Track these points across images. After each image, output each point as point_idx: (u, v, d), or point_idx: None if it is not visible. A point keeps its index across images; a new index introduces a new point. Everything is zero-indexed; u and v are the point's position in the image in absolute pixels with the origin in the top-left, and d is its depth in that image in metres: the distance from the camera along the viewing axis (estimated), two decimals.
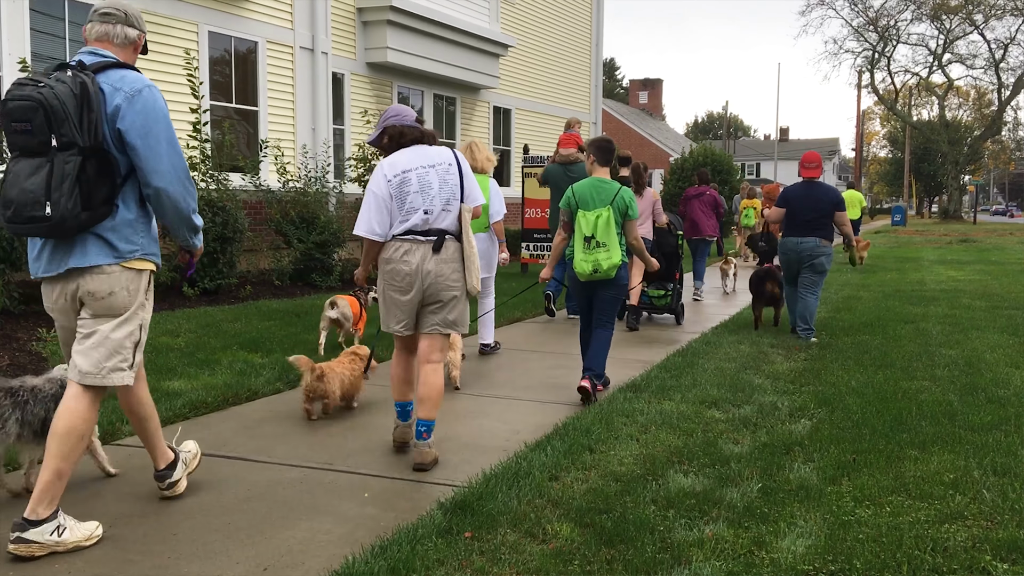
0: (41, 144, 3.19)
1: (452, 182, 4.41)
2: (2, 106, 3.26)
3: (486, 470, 4.18)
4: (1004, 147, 79.93)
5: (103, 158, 3.28)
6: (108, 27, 3.46)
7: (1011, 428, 5.08)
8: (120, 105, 3.27)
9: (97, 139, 3.23)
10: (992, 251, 23.09)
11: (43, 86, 3.18)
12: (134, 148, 3.29)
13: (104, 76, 3.31)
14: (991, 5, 46.90)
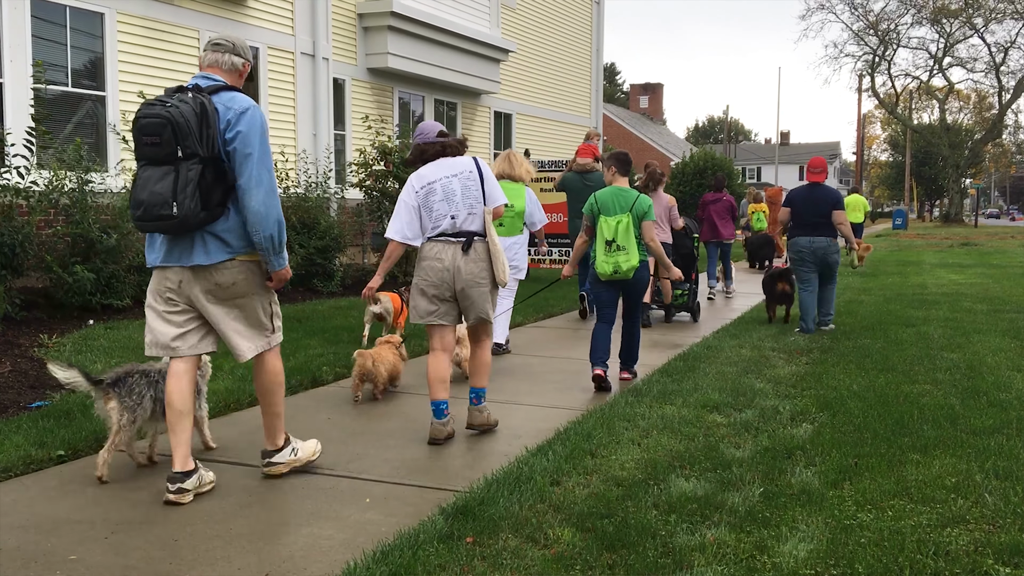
0: (168, 155, 3.72)
1: (474, 188, 4.87)
2: (135, 123, 3.81)
3: (487, 475, 4.18)
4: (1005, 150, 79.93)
5: (218, 167, 3.81)
6: (218, 55, 4.02)
7: (1013, 432, 5.07)
8: (232, 120, 3.82)
9: (213, 151, 3.78)
10: (993, 254, 23.08)
11: (170, 105, 3.72)
12: (233, 159, 3.82)
13: (217, 97, 3.86)
14: (991, 9, 46.92)
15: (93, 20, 10.30)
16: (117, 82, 10.46)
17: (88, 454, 4.51)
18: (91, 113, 10.38)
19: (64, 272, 8.19)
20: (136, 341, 7.30)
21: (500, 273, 4.92)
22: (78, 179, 8.52)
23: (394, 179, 12.52)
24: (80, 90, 10.19)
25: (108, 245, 8.46)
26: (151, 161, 3.77)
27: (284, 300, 10.40)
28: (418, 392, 6.13)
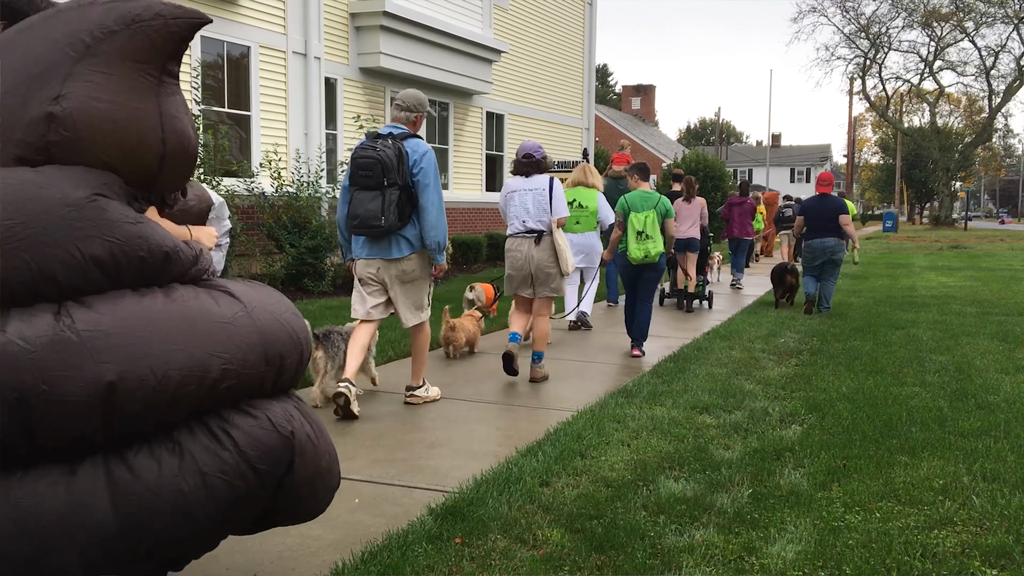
0: (377, 183, 5.33)
1: (543, 201, 6.49)
2: (353, 160, 5.42)
3: (477, 476, 4.18)
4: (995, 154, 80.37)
5: (408, 191, 5.38)
6: (400, 113, 5.60)
7: (1001, 434, 5.09)
8: (416, 160, 5.37)
9: (406, 180, 5.36)
10: (983, 257, 23.18)
11: (379, 149, 5.31)
12: (417, 187, 5.39)
13: (406, 142, 5.42)
14: (982, 13, 47.16)
15: None
16: None
17: None
18: None
19: None
20: None
21: (564, 265, 6.51)
22: None
23: None
24: None
25: None
26: (363, 187, 5.37)
27: None
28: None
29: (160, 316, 2.27)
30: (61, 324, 2.15)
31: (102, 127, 2.32)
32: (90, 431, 2.14)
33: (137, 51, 2.38)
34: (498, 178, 19.45)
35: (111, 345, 2.15)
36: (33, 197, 2.20)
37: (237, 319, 2.40)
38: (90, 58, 2.34)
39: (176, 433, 2.29)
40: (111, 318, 2.20)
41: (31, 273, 2.17)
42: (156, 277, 2.37)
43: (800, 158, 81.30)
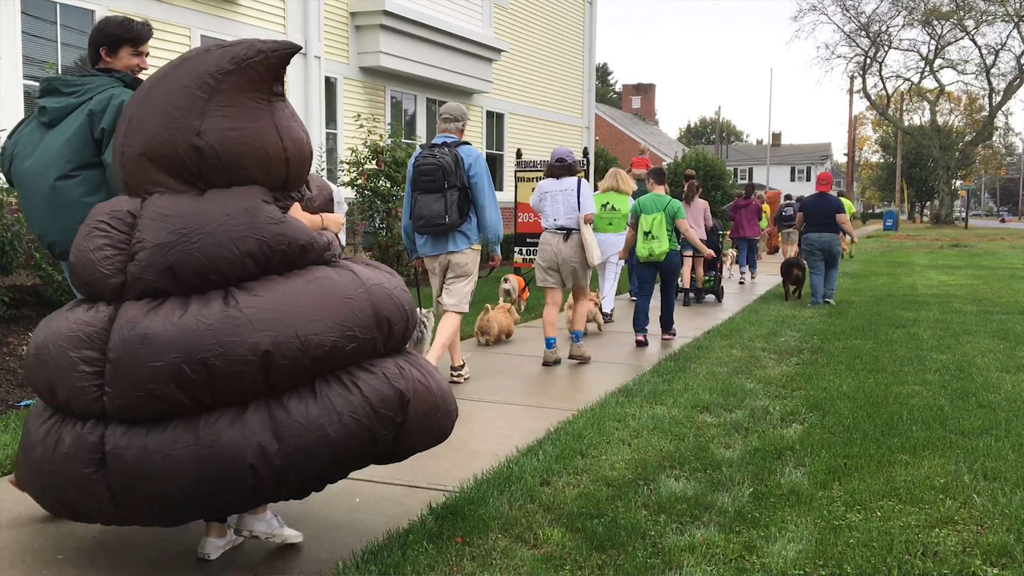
0: (439, 186, 6.01)
1: (571, 200, 7.16)
2: (415, 169, 6.10)
3: (477, 475, 4.18)
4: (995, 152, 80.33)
5: (465, 193, 6.07)
6: (448, 124, 6.26)
7: (1001, 433, 5.09)
8: (471, 164, 6.06)
9: (463, 183, 6.05)
10: (983, 256, 23.18)
11: (439, 156, 6.01)
12: (473, 188, 6.08)
13: (459, 148, 6.10)
14: (982, 11, 47.12)
15: (83, 17, 10.27)
16: None
17: None
18: None
19: (53, 270, 8.15)
20: None
21: (591, 258, 7.16)
22: None
23: (386, 178, 12.51)
24: None
25: None
26: (425, 191, 6.05)
27: None
28: None
29: (301, 295, 2.95)
30: (229, 304, 2.86)
31: (238, 149, 3.00)
32: (254, 382, 2.83)
33: (249, 83, 3.04)
34: (499, 177, 19.44)
35: (266, 319, 2.84)
36: (199, 212, 2.93)
37: (358, 295, 3.06)
38: (216, 96, 3.00)
39: (317, 384, 2.95)
40: (266, 298, 2.89)
41: (204, 267, 2.89)
42: (296, 263, 3.05)
43: (800, 157, 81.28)
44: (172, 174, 3.01)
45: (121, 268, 2.95)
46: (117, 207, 3.06)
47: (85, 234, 3.06)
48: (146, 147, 3.01)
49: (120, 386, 2.80)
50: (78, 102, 3.66)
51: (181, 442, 2.79)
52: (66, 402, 2.90)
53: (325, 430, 2.88)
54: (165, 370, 2.75)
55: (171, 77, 3.06)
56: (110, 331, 2.87)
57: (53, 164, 3.62)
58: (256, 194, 3.03)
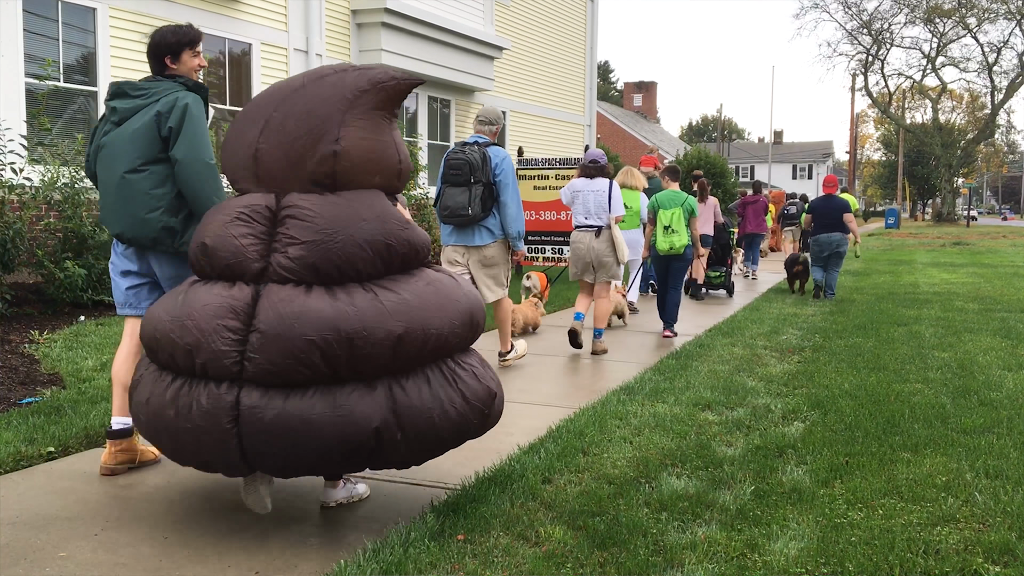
0: (464, 180, 6.43)
1: (603, 201, 7.62)
2: (446, 162, 6.53)
3: (479, 473, 4.18)
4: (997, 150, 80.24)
5: (489, 189, 6.47)
6: (483, 126, 6.68)
7: (1003, 431, 5.09)
8: (498, 163, 6.47)
9: (488, 179, 6.45)
10: (985, 254, 23.16)
11: (468, 153, 6.44)
12: (498, 185, 6.51)
13: (489, 148, 6.54)
14: (984, 9, 47.08)
15: (85, 15, 10.27)
16: (109, 77, 10.41)
17: (78, 451, 4.50)
18: (83, 108, 10.34)
19: (56, 268, 8.16)
20: None
21: (620, 255, 7.68)
22: (71, 175, 8.49)
23: None
24: (72, 85, 10.15)
25: (100, 240, 8.43)
26: (453, 184, 6.48)
27: None
28: None
29: (424, 292, 3.45)
30: (370, 295, 3.33)
31: (368, 157, 3.50)
32: (384, 362, 3.29)
33: (380, 103, 3.56)
34: None
35: (400, 310, 3.33)
36: (340, 215, 3.38)
37: (461, 298, 3.57)
38: (353, 110, 3.49)
39: (426, 370, 3.44)
40: (401, 294, 3.39)
41: (342, 263, 3.35)
42: (411, 264, 3.54)
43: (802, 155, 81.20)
44: (307, 175, 3.45)
45: (263, 255, 3.39)
46: (254, 201, 3.50)
47: (225, 222, 3.46)
48: (285, 147, 3.45)
49: (269, 353, 3.18)
50: (144, 103, 4.03)
51: (319, 408, 3.21)
52: (203, 365, 3.26)
53: (432, 413, 3.36)
54: (316, 343, 3.18)
55: (311, 90, 3.54)
56: (255, 307, 3.28)
57: (122, 159, 3.99)
58: (383, 199, 3.54)
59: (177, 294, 3.49)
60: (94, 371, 6.12)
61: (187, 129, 3.96)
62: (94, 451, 4.52)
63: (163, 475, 4.18)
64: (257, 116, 3.57)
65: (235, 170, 3.63)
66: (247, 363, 3.21)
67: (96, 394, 5.47)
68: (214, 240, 3.44)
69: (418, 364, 3.40)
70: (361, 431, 3.23)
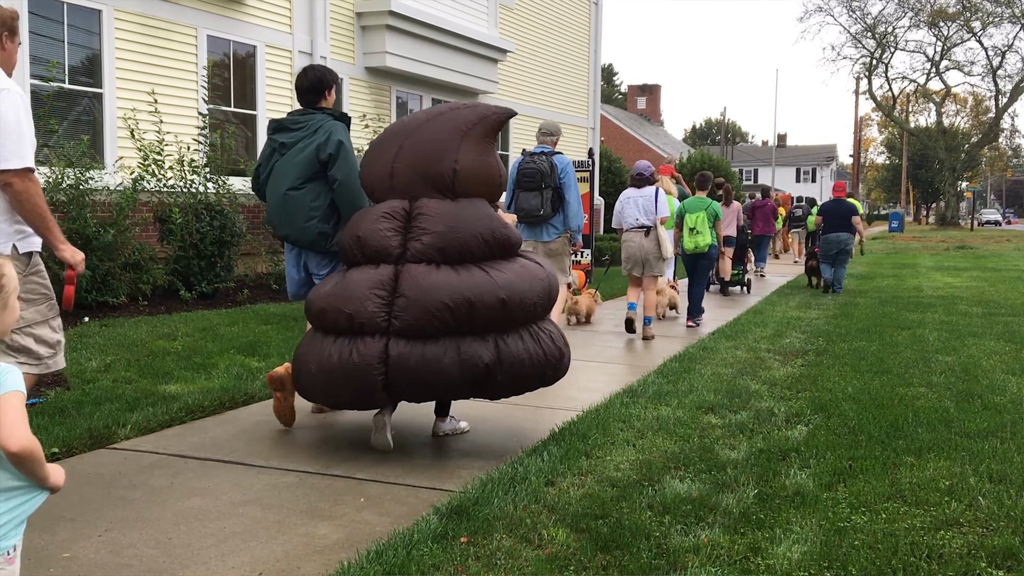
0: (536, 186, 7.55)
1: (650, 205, 8.83)
2: (519, 171, 7.67)
3: (482, 475, 4.18)
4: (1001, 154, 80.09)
5: (556, 192, 7.61)
6: (546, 137, 7.84)
7: (1007, 435, 5.08)
8: (562, 170, 7.59)
9: (555, 184, 7.58)
10: (989, 258, 23.13)
11: (537, 163, 7.57)
12: (563, 188, 7.63)
13: (554, 157, 7.66)
14: (988, 12, 47.03)
15: (90, 17, 10.29)
16: (114, 79, 10.44)
17: (82, 452, 4.51)
18: (88, 110, 10.36)
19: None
20: (131, 338, 7.29)
21: (664, 251, 8.81)
22: (75, 176, 8.50)
23: None
24: (77, 87, 10.18)
25: (104, 242, 8.45)
26: (526, 189, 7.61)
27: (281, 298, 10.41)
28: None
29: (519, 272, 4.56)
30: (486, 273, 4.44)
31: (477, 173, 4.65)
32: (494, 320, 4.40)
33: (486, 132, 4.71)
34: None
35: (504, 283, 4.43)
36: (459, 215, 4.53)
37: (545, 277, 4.70)
38: (467, 138, 4.64)
39: (520, 330, 4.55)
40: (504, 272, 4.49)
41: (461, 248, 4.47)
42: (508, 252, 4.66)
43: (806, 158, 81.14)
44: (432, 186, 4.59)
45: (401, 243, 4.51)
46: (393, 205, 4.61)
47: (373, 220, 4.57)
48: (416, 166, 4.58)
49: (412, 313, 4.29)
50: (304, 134, 5.06)
51: (449, 352, 4.32)
52: (360, 325, 4.34)
53: (523, 360, 4.47)
54: (447, 304, 4.29)
55: (434, 124, 4.67)
56: (397, 279, 4.41)
57: (285, 179, 5.06)
58: (488, 206, 4.71)
59: (335, 278, 4.61)
60: (98, 372, 6.13)
61: (342, 155, 4.98)
62: (98, 452, 4.53)
63: (166, 477, 4.19)
64: (390, 145, 4.68)
65: (373, 184, 4.74)
66: (394, 320, 4.31)
67: (100, 395, 5.48)
68: (365, 234, 4.55)
69: (514, 324, 4.50)
70: (477, 369, 4.34)
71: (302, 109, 5.19)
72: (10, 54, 3.95)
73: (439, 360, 4.31)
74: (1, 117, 3.64)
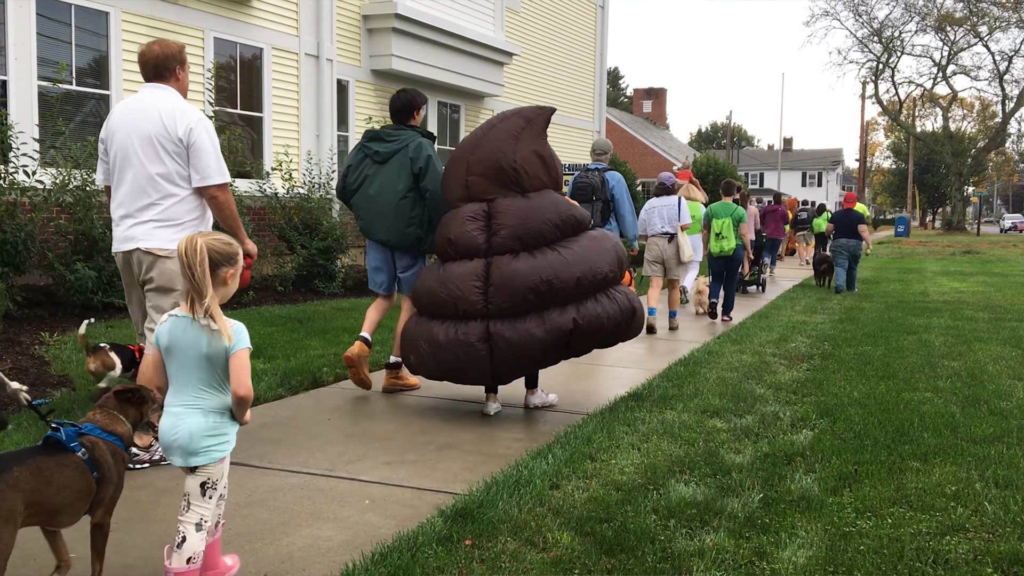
0: (588, 198, 8.25)
1: (673, 213, 9.74)
2: (574, 185, 8.47)
3: (487, 478, 4.18)
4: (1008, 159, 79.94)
5: (606, 204, 8.37)
6: (599, 156, 8.72)
7: (1013, 440, 5.06)
8: (613, 185, 8.38)
9: (606, 197, 8.36)
10: (995, 263, 23.07)
11: (590, 178, 8.37)
12: (615, 202, 8.41)
13: (606, 173, 8.45)
14: (995, 17, 46.95)
15: (98, 19, 10.32)
16: (121, 81, 10.47)
17: None
18: (95, 112, 10.39)
19: (66, 270, 8.20)
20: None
21: (684, 256, 9.73)
22: (82, 177, 8.52)
23: None
24: (84, 88, 10.21)
25: (110, 243, 8.46)
26: (580, 201, 8.15)
27: (285, 301, 10.42)
28: (419, 395, 6.15)
29: (589, 246, 5.35)
30: (559, 253, 5.25)
31: (535, 167, 5.45)
32: (570, 293, 5.20)
33: (536, 130, 5.52)
34: None
35: (576, 260, 5.24)
36: (530, 207, 5.34)
37: (613, 248, 5.49)
38: (520, 140, 5.44)
39: (595, 295, 5.32)
40: (574, 250, 5.29)
41: (535, 235, 5.27)
42: (579, 229, 5.47)
43: (812, 162, 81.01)
44: (501, 185, 5.38)
45: (487, 239, 5.32)
46: (474, 208, 5.41)
47: (460, 223, 5.37)
48: (485, 174, 5.39)
49: (502, 297, 5.15)
50: (398, 147, 5.84)
51: (536, 326, 5.15)
52: (464, 311, 5.21)
53: (602, 320, 5.28)
54: (530, 286, 5.13)
55: (490, 135, 5.47)
56: (488, 270, 5.23)
57: (393, 191, 5.81)
58: (553, 193, 5.49)
59: (434, 271, 5.43)
60: None
61: (432, 169, 5.78)
62: None
63: (171, 478, 4.19)
64: (460, 162, 5.50)
65: (451, 193, 5.56)
66: (490, 304, 5.17)
67: None
68: (456, 236, 5.38)
69: (589, 292, 5.28)
70: (562, 334, 5.18)
71: (394, 124, 6.01)
72: (184, 82, 4.49)
73: (531, 332, 5.14)
74: (202, 141, 4.31)
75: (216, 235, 2.97)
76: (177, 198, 4.35)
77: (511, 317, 5.15)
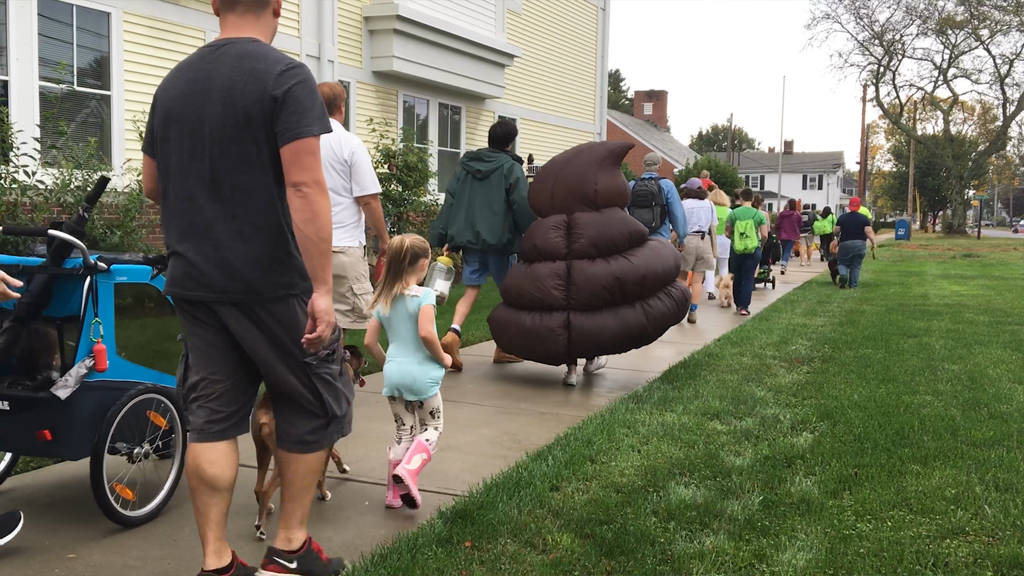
0: (647, 203, 9.29)
1: (706, 215, 11.17)
2: (634, 192, 9.17)
3: (487, 479, 4.18)
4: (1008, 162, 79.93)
5: (663, 208, 9.33)
6: (651, 167, 9.84)
7: (1013, 444, 5.06)
8: (667, 192, 9.40)
9: (662, 203, 9.34)
10: (996, 266, 23.07)
11: (648, 185, 9.37)
12: (670, 206, 9.35)
13: (660, 181, 9.46)
14: (996, 21, 46.94)
15: (99, 19, 10.33)
16: (123, 81, 10.48)
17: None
18: (96, 112, 10.40)
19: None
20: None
21: (715, 252, 11.42)
22: (83, 178, 8.53)
23: (398, 182, 12.53)
24: (85, 89, 10.22)
25: (111, 244, 8.47)
26: (639, 206, 9.20)
27: None
28: None
29: (650, 254, 6.48)
30: (628, 259, 6.38)
31: (612, 191, 6.56)
32: (638, 292, 6.38)
33: (614, 161, 6.66)
34: None
35: (641, 263, 6.38)
36: (605, 221, 6.45)
37: (671, 255, 6.64)
38: (601, 168, 6.57)
39: (659, 293, 6.52)
40: (640, 256, 6.42)
41: (609, 244, 6.40)
42: (642, 241, 6.56)
43: (812, 165, 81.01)
44: (582, 203, 6.47)
45: (567, 245, 6.41)
46: (557, 219, 6.51)
47: (545, 231, 6.49)
48: (569, 190, 6.48)
49: (582, 295, 6.27)
50: (496, 167, 7.12)
51: (610, 319, 6.29)
52: (549, 305, 6.34)
53: (664, 314, 6.46)
54: (605, 285, 6.25)
55: (577, 159, 6.59)
56: (569, 271, 6.34)
57: (493, 203, 7.09)
58: (621, 211, 6.59)
59: (521, 270, 6.58)
60: None
61: (520, 186, 7.06)
62: None
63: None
64: (547, 179, 6.61)
65: (540, 206, 6.68)
66: (572, 299, 6.29)
67: None
68: (541, 242, 6.49)
69: (652, 291, 6.43)
70: (632, 327, 6.31)
71: (491, 148, 7.28)
72: (340, 117, 5.54)
73: (606, 324, 6.24)
74: (362, 160, 5.42)
75: (414, 236, 3.91)
76: (343, 205, 5.44)
77: (589, 310, 6.28)
